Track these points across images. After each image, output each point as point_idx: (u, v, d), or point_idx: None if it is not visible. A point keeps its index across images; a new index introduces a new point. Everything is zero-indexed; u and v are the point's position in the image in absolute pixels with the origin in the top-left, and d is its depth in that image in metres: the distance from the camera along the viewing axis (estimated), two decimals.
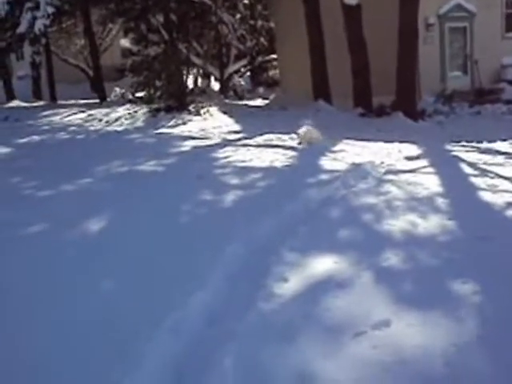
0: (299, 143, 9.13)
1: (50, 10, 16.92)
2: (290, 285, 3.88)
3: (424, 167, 7.09)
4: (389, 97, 13.33)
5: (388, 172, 6.74)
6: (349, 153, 8.01)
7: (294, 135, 9.68)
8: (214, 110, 15.53)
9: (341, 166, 7.14)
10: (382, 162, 7.35)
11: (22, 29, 17.55)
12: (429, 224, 4.88)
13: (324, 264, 4.17)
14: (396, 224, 4.91)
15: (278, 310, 3.58)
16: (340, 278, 3.94)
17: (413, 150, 8.32)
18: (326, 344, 3.16)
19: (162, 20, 17.71)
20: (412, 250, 4.33)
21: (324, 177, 6.59)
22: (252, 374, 2.95)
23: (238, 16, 22.96)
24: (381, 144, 8.72)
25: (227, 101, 19.50)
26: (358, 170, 6.86)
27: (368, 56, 13.81)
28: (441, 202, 5.52)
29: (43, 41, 19.66)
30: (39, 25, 17.04)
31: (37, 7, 16.89)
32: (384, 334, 3.17)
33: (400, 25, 12.84)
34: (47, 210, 5.66)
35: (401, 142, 8.76)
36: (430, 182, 6.22)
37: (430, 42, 15.60)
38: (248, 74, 27.49)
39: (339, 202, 5.71)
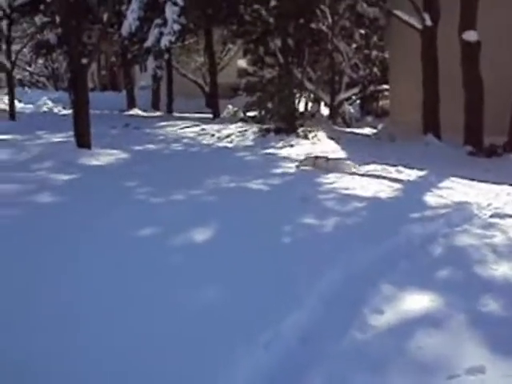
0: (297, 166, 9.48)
1: (177, 27, 17.70)
2: (385, 317, 3.91)
3: None
4: (502, 137, 12.87)
5: (495, 215, 6.56)
6: (455, 191, 7.84)
7: (400, 168, 9.60)
8: (321, 134, 15.63)
9: (446, 203, 7.02)
10: (489, 204, 7.12)
11: (148, 43, 18.57)
12: None
13: (420, 301, 4.16)
14: (499, 269, 4.80)
15: (371, 340, 3.63)
16: (436, 317, 3.92)
17: None
18: (416, 381, 3.18)
19: (280, 44, 18.17)
20: None
21: (428, 213, 6.51)
22: None
23: (354, 45, 23.08)
24: (489, 185, 8.46)
25: (335, 127, 19.54)
26: (463, 210, 6.73)
27: (483, 93, 13.44)
28: None
29: (166, 56, 20.69)
30: (165, 41, 17.93)
31: (164, 24, 17.77)
32: (478, 381, 3.12)
33: None
34: (158, 216, 5.97)
35: (511, 185, 8.47)
36: None
37: None
38: (358, 102, 27.44)
39: (441, 240, 5.64)
